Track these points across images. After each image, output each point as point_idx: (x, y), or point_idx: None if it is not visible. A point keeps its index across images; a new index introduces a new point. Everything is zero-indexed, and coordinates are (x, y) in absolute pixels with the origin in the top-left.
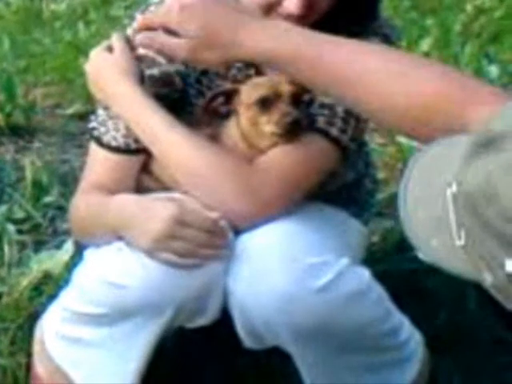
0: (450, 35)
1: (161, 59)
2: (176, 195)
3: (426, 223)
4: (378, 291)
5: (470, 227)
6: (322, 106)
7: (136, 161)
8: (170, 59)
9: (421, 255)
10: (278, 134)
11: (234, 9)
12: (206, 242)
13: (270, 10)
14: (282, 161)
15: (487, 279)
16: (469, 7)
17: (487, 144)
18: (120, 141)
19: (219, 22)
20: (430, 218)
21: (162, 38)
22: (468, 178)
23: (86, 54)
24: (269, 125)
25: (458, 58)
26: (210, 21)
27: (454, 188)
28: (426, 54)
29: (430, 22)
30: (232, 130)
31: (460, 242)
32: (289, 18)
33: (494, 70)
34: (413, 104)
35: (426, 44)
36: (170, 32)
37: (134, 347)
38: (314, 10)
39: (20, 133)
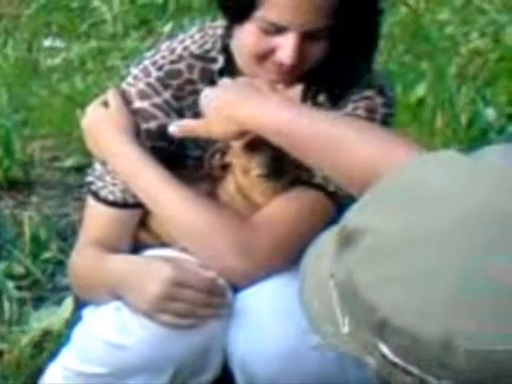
0: (445, 79)
1: (157, 112)
2: (172, 254)
3: (319, 312)
4: None
5: (350, 317)
6: None
7: (133, 215)
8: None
9: (320, 341)
10: (263, 175)
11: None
12: (205, 302)
13: (263, 59)
14: (278, 218)
15: (371, 363)
16: (464, 50)
17: (346, 241)
18: (117, 195)
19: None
20: (323, 307)
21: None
22: (337, 273)
23: (83, 107)
24: (255, 168)
25: (454, 101)
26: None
27: (332, 280)
28: (422, 99)
29: (424, 65)
30: (228, 186)
31: (345, 330)
32: (281, 66)
33: (490, 113)
34: (353, 174)
35: (421, 88)
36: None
37: None
38: (306, 61)
39: (18, 187)
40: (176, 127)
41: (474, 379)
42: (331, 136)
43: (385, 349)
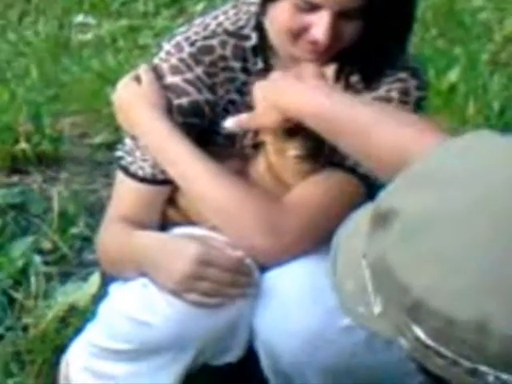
0: (477, 65)
1: (189, 88)
2: (200, 233)
3: (351, 291)
4: None
5: (382, 297)
6: None
7: (162, 192)
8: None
9: (351, 321)
10: (301, 156)
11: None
12: (232, 282)
13: (297, 36)
14: (308, 199)
15: (404, 345)
16: (497, 36)
17: (380, 221)
18: (147, 171)
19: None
20: (355, 287)
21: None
22: (370, 253)
23: (113, 83)
24: (293, 149)
25: (487, 87)
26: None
27: (365, 260)
28: (454, 85)
29: (457, 51)
30: (259, 165)
31: (377, 310)
32: (315, 44)
33: None
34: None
35: (453, 74)
36: None
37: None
38: (340, 41)
39: (48, 163)
40: (232, 122)
41: (508, 363)
42: (363, 121)
43: (418, 330)
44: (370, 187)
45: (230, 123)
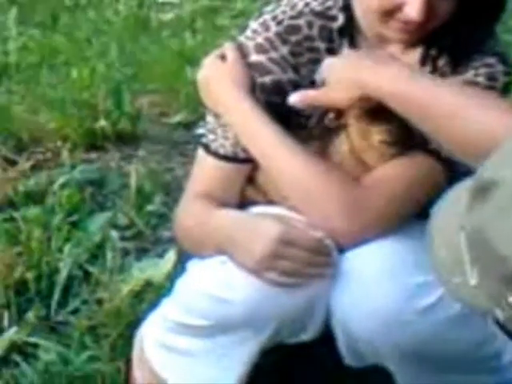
0: None
1: (274, 67)
2: (280, 212)
3: (447, 262)
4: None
5: (479, 268)
6: None
7: (243, 170)
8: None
9: (445, 292)
10: (388, 142)
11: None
12: (311, 262)
13: (388, 15)
14: (390, 181)
15: (499, 315)
16: None
17: (480, 192)
18: (228, 149)
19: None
20: (451, 258)
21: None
22: (469, 225)
23: (192, 64)
24: (380, 134)
25: None
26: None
27: (463, 232)
28: None
29: None
30: (341, 146)
31: (473, 282)
32: (408, 23)
33: None
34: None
35: None
36: None
37: (234, 361)
38: (435, 16)
39: (126, 140)
40: (296, 97)
41: None
42: (448, 103)
43: None
44: (453, 172)
45: (294, 98)
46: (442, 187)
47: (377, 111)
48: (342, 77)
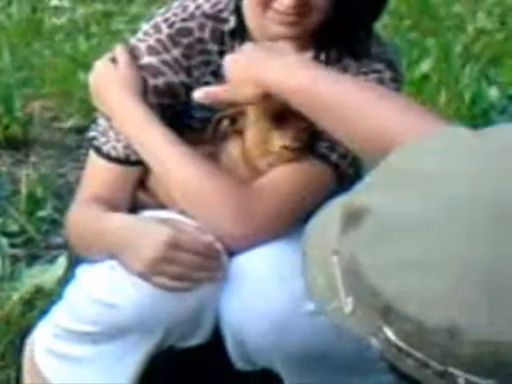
0: (450, 56)
1: (165, 69)
2: (170, 216)
3: (322, 288)
4: None
5: (353, 297)
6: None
7: (134, 173)
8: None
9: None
10: (290, 148)
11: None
12: (200, 266)
13: (266, 6)
14: (278, 185)
15: (375, 345)
16: (470, 29)
17: (351, 219)
18: (120, 151)
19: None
20: (326, 283)
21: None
22: (341, 252)
23: (85, 68)
24: (282, 139)
25: (458, 79)
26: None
27: (336, 258)
28: (426, 75)
29: (430, 42)
30: (233, 151)
31: (348, 309)
32: (285, 15)
33: (493, 92)
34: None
35: (425, 65)
36: None
37: (124, 366)
38: (310, 10)
39: (17, 145)
40: (201, 93)
41: (479, 367)
42: (350, 97)
43: (389, 332)
44: (342, 176)
45: (199, 94)
46: (332, 190)
47: (280, 114)
48: (242, 74)
